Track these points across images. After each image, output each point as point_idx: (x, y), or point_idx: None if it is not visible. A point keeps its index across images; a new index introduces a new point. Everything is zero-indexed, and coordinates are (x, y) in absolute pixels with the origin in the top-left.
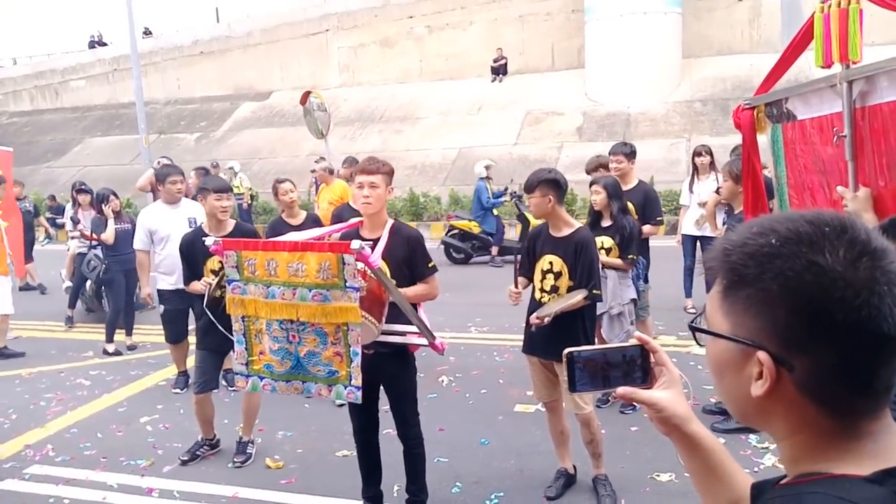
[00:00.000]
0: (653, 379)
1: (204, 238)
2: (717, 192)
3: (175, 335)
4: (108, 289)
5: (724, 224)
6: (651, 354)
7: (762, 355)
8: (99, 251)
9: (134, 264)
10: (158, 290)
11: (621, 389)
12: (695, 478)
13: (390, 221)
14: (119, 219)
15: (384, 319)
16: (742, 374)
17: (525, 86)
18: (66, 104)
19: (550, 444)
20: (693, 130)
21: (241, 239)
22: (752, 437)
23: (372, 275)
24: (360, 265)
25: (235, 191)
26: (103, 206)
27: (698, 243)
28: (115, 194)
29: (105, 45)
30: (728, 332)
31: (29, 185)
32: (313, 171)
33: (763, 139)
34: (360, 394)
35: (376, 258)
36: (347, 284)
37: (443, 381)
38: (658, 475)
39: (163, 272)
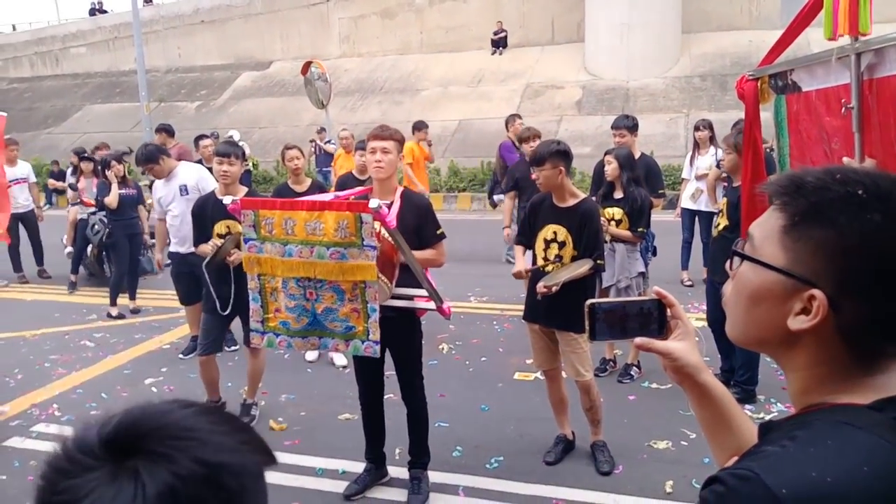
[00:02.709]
0: (668, 332)
1: (216, 201)
2: (718, 165)
3: (182, 296)
4: (112, 252)
5: (723, 197)
6: (668, 308)
7: (818, 293)
8: (103, 215)
9: (137, 229)
10: (168, 252)
11: (638, 339)
12: (704, 426)
13: (400, 188)
14: (124, 184)
15: (395, 282)
16: (783, 306)
17: (525, 59)
18: (67, 71)
19: (549, 412)
20: (692, 106)
21: (258, 198)
22: (749, 407)
23: (386, 235)
24: (377, 225)
25: None
26: (106, 171)
27: (696, 218)
28: (118, 160)
29: (105, 12)
30: (784, 266)
31: (29, 151)
32: (312, 141)
33: (766, 114)
34: (377, 348)
35: (392, 218)
36: (365, 243)
37: (443, 348)
38: (655, 443)
39: (171, 237)
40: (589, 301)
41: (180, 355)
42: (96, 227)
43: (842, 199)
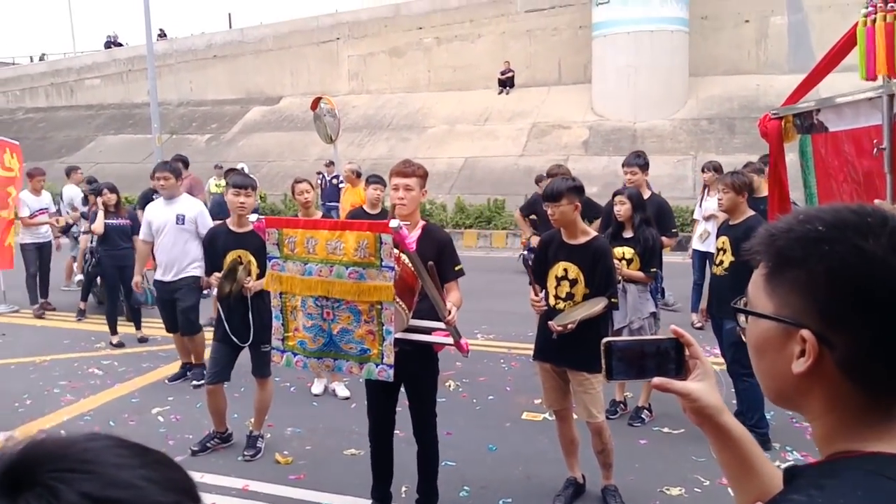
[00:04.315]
0: (687, 371)
1: (227, 231)
2: (720, 203)
3: (168, 324)
4: (102, 281)
5: (721, 235)
6: (686, 347)
7: (806, 333)
8: (95, 244)
9: (128, 261)
10: (154, 280)
11: (656, 380)
12: (726, 469)
13: (422, 223)
14: (116, 214)
15: (413, 311)
16: (784, 353)
17: (532, 99)
18: (81, 102)
19: (558, 453)
20: (699, 148)
21: (282, 217)
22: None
23: (406, 259)
24: (396, 251)
25: None
26: (98, 198)
27: (706, 259)
28: (111, 189)
29: (120, 45)
30: (772, 313)
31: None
32: (319, 173)
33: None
34: (391, 372)
35: (411, 241)
36: (383, 264)
37: (450, 385)
38: (668, 489)
39: (156, 262)
40: (605, 339)
41: (166, 380)
42: (86, 255)
43: (803, 238)
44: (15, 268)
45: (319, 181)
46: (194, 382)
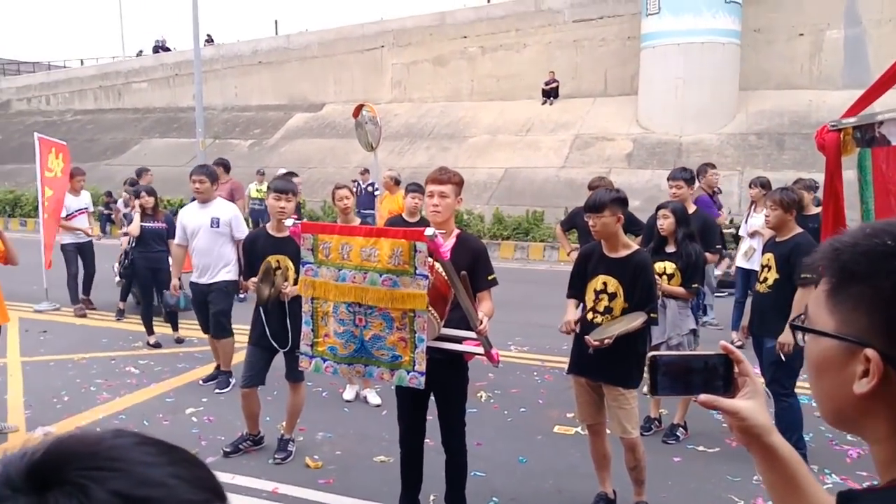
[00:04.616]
0: (735, 389)
1: (266, 236)
2: (767, 221)
3: (204, 326)
4: (135, 282)
5: (767, 252)
6: (735, 364)
7: (870, 352)
8: (131, 245)
9: (162, 264)
10: (189, 283)
11: (703, 396)
12: (773, 492)
13: (457, 231)
14: (152, 217)
15: (444, 320)
16: (844, 373)
17: (575, 110)
18: (128, 105)
19: (590, 467)
20: (747, 164)
21: (318, 223)
22: None
23: (439, 267)
24: (430, 259)
25: None
26: (136, 200)
27: (750, 277)
28: (149, 192)
29: (168, 49)
30: (833, 331)
31: (87, 181)
32: (354, 181)
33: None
34: (423, 379)
35: (446, 250)
36: (417, 272)
37: (481, 396)
38: None
39: (193, 265)
40: (650, 353)
41: (200, 381)
42: (122, 257)
43: (870, 252)
44: (59, 267)
45: (355, 188)
46: (217, 390)
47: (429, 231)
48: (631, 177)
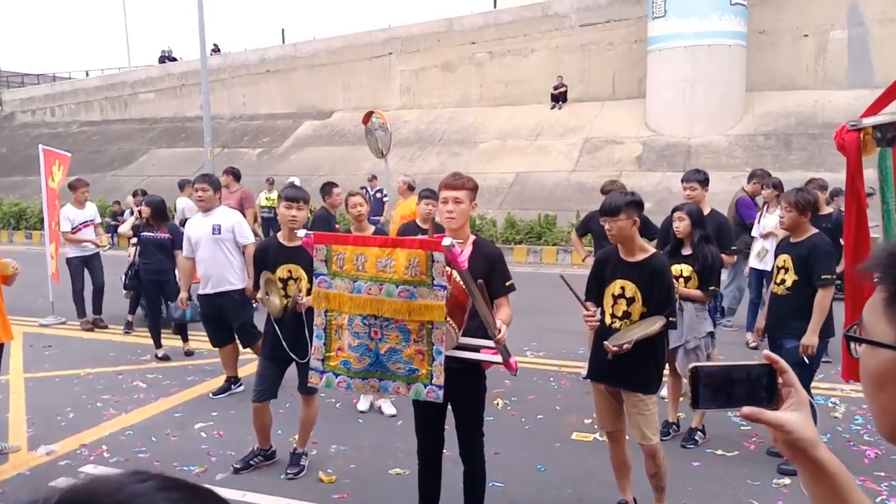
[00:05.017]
0: (779, 400)
1: (278, 245)
2: (781, 222)
3: (212, 338)
4: (143, 294)
5: (781, 253)
6: (780, 375)
7: None
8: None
9: (165, 276)
10: (197, 295)
11: (746, 409)
12: None
13: (472, 237)
14: (153, 227)
15: (462, 329)
16: None
17: (584, 114)
18: (134, 115)
19: (609, 475)
20: (755, 164)
21: (331, 233)
22: None
23: (457, 277)
24: (448, 269)
25: None
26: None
27: (764, 278)
28: (147, 203)
29: (175, 59)
30: (893, 342)
31: (94, 192)
32: (362, 188)
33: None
34: (440, 393)
35: (464, 259)
36: (435, 282)
37: (497, 403)
38: None
39: (199, 277)
40: (692, 364)
41: (210, 395)
42: (128, 267)
43: None
44: (66, 280)
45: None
46: (210, 395)
47: (446, 241)
48: (641, 179)
